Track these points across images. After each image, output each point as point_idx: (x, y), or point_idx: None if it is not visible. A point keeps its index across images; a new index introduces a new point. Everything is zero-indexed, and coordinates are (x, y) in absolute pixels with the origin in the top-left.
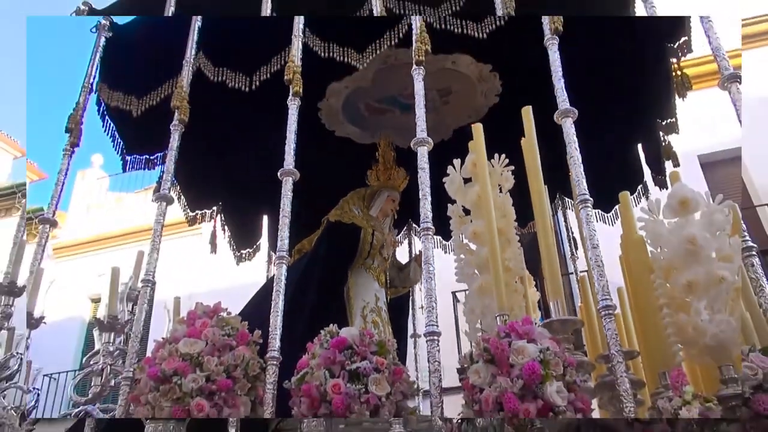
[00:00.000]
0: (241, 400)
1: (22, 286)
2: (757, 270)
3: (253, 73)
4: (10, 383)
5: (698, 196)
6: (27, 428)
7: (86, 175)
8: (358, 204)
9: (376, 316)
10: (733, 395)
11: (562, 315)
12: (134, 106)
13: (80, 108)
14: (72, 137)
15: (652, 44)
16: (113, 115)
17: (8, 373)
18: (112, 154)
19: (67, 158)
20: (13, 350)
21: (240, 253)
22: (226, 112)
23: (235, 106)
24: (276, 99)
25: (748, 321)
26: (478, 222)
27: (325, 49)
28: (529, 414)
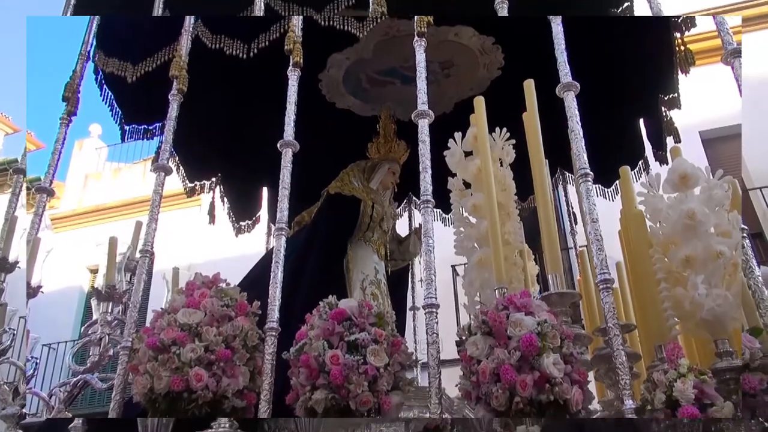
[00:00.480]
0: (240, 371)
1: (14, 262)
2: (747, 252)
3: (252, 41)
4: (3, 358)
5: (698, 172)
6: (20, 403)
7: (84, 146)
8: (358, 176)
9: (375, 288)
10: (728, 368)
11: (560, 288)
12: (129, 72)
13: (77, 76)
14: (69, 106)
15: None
16: (111, 83)
17: (1, 348)
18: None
19: (64, 127)
20: (6, 326)
21: (239, 225)
22: (225, 82)
23: (234, 77)
24: (276, 69)
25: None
26: (478, 195)
27: (325, 18)
28: (526, 386)
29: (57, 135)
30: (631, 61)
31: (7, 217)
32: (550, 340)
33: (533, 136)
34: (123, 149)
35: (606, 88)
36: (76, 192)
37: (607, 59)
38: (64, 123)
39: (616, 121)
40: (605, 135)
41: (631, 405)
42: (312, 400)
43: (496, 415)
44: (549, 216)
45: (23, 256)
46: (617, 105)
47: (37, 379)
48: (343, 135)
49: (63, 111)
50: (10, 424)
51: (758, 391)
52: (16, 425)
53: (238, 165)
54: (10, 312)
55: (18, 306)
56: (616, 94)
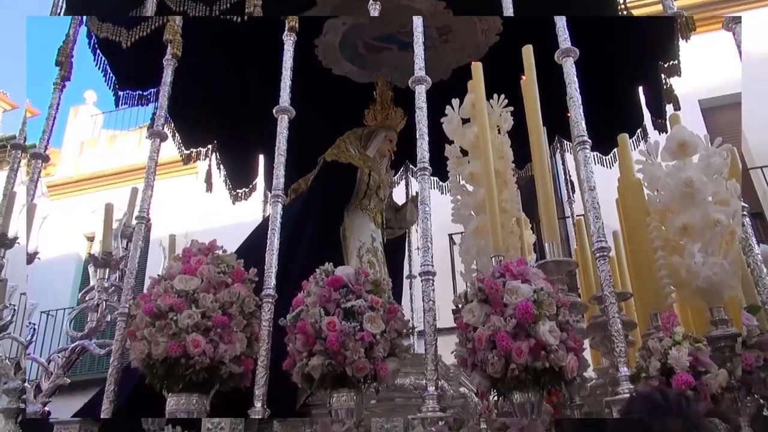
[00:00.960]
0: (237, 337)
1: (14, 238)
2: (747, 230)
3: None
4: (4, 334)
5: (697, 139)
6: (22, 377)
7: (79, 112)
8: (355, 144)
9: (372, 256)
10: (723, 336)
11: (557, 256)
12: (124, 37)
13: (70, 40)
14: (62, 71)
15: None
16: (104, 48)
17: (1, 324)
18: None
19: (58, 92)
20: (7, 301)
21: (236, 193)
22: (220, 48)
23: (229, 42)
24: (272, 35)
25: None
26: (476, 163)
27: None
28: (522, 353)
29: (51, 100)
30: (630, 27)
31: (5, 193)
32: (546, 307)
33: (531, 102)
34: (118, 116)
35: (605, 54)
36: (72, 159)
37: (606, 25)
38: (58, 88)
39: (615, 88)
40: (604, 102)
41: (626, 372)
42: (309, 366)
43: (492, 382)
44: (546, 184)
45: (23, 232)
46: (616, 72)
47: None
48: (340, 102)
49: (56, 76)
50: (12, 398)
51: (754, 368)
52: (18, 399)
53: (234, 132)
54: (11, 288)
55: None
56: (616, 60)
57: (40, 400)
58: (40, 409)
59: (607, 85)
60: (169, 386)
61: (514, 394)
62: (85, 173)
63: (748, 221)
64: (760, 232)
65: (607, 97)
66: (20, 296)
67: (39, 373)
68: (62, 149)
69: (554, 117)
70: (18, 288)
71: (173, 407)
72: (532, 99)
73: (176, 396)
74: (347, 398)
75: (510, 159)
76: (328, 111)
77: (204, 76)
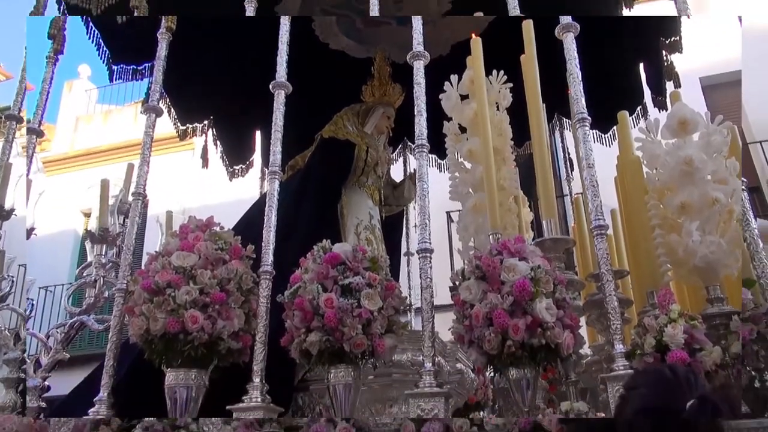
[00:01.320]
0: (235, 313)
1: (10, 209)
2: (744, 204)
3: None
4: (3, 305)
5: (698, 117)
6: (21, 348)
7: (73, 87)
8: (352, 120)
9: (369, 233)
10: (718, 314)
11: (554, 234)
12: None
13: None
14: (55, 44)
15: None
16: (97, 21)
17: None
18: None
19: (51, 66)
20: (5, 272)
21: (233, 169)
22: (216, 21)
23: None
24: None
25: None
26: (474, 140)
27: None
28: (518, 330)
29: (44, 74)
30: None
31: (0, 164)
32: (543, 285)
33: (531, 78)
34: (113, 91)
35: (606, 30)
36: (68, 134)
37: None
38: (51, 62)
39: (615, 64)
40: (604, 79)
41: (621, 349)
42: (307, 343)
43: (488, 358)
44: (545, 161)
45: (19, 204)
46: (617, 48)
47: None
48: (338, 78)
49: (49, 49)
50: (12, 368)
51: (748, 341)
52: (18, 369)
53: (230, 107)
54: (8, 259)
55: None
56: (617, 36)
57: (39, 375)
58: (40, 384)
59: (608, 61)
60: (168, 361)
61: (510, 371)
62: (80, 149)
63: (746, 195)
64: (758, 207)
65: (608, 73)
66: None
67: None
68: (57, 125)
69: (554, 94)
70: (16, 259)
71: (173, 382)
72: (531, 74)
73: (175, 371)
74: (345, 374)
75: (509, 136)
76: (325, 87)
77: (199, 51)
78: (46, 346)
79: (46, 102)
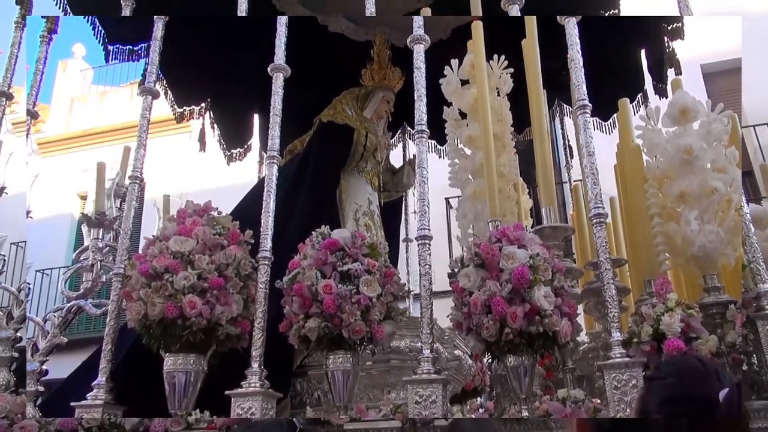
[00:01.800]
0: (234, 299)
1: (1, 188)
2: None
3: None
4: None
5: (699, 105)
6: (15, 327)
7: (68, 67)
8: (351, 104)
9: (368, 219)
10: (715, 303)
11: (553, 222)
12: None
13: None
14: (49, 23)
15: None
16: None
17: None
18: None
19: (45, 45)
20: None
21: (230, 153)
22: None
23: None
24: None
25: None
26: (474, 126)
27: None
28: (516, 317)
29: (38, 54)
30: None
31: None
32: (541, 273)
33: (532, 63)
34: (109, 72)
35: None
36: (62, 115)
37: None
38: (45, 41)
39: (617, 50)
40: (605, 66)
41: (618, 337)
42: (305, 329)
43: (486, 345)
44: (545, 148)
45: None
46: (618, 34)
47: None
48: (337, 61)
49: (42, 28)
50: (5, 347)
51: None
52: (11, 348)
53: (228, 90)
54: (0, 238)
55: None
56: (618, 21)
57: (37, 359)
58: (38, 368)
59: (609, 48)
60: (167, 346)
61: (508, 358)
62: (75, 130)
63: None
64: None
65: (609, 60)
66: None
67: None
68: (51, 105)
69: (554, 80)
70: (7, 238)
71: (171, 367)
72: (532, 60)
73: (173, 356)
74: (343, 360)
75: (509, 122)
76: (324, 70)
77: (197, 31)
78: (44, 331)
79: (40, 82)
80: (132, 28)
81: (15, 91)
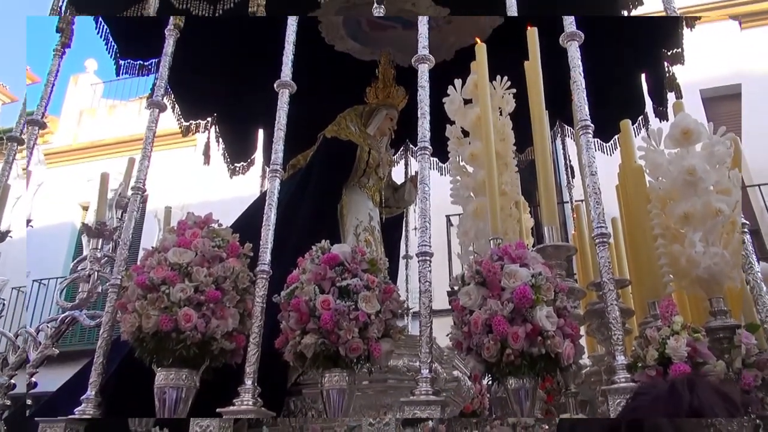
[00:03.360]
0: (230, 312)
1: (6, 231)
2: (747, 247)
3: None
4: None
5: (701, 127)
6: (9, 374)
7: (79, 81)
8: (355, 121)
9: (369, 235)
10: (722, 327)
11: (556, 241)
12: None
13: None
14: (63, 37)
15: None
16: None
17: None
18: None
19: (58, 59)
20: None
21: (234, 167)
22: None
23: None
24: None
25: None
26: (477, 144)
27: None
28: (518, 338)
29: (50, 67)
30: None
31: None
32: (544, 292)
33: (534, 84)
34: (118, 86)
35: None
36: (71, 127)
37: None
38: (58, 55)
39: (617, 74)
40: (606, 89)
41: (623, 361)
42: (301, 345)
43: (487, 366)
44: (547, 166)
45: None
46: (619, 58)
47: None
48: (342, 79)
49: (57, 42)
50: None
51: (752, 387)
52: (4, 396)
53: (234, 105)
54: (2, 282)
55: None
56: (619, 46)
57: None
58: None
59: (610, 71)
60: (159, 360)
61: (509, 380)
62: (83, 142)
63: (749, 238)
64: (757, 251)
65: (610, 83)
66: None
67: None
68: (61, 117)
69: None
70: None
71: (162, 382)
72: (535, 80)
73: (166, 370)
74: (339, 378)
75: (511, 141)
76: (329, 88)
77: (206, 49)
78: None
79: (50, 94)
80: (143, 44)
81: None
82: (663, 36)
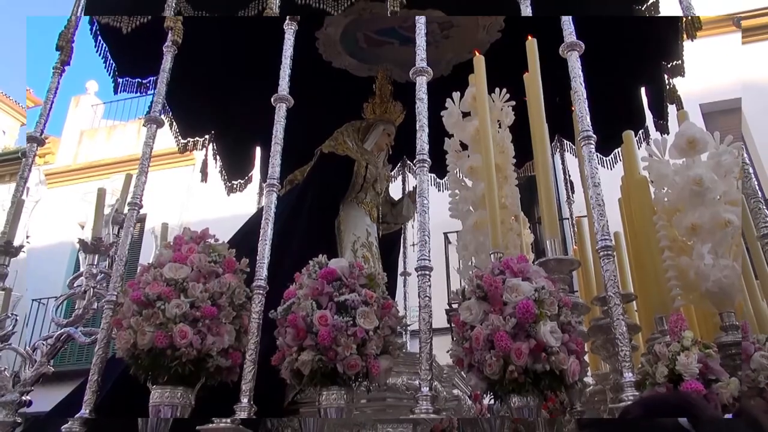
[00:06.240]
0: (226, 329)
1: (19, 246)
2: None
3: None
4: (5, 344)
5: (707, 137)
6: (20, 390)
7: (80, 102)
8: (352, 136)
9: (366, 250)
10: (734, 343)
11: (558, 254)
12: (125, 23)
13: (72, 25)
14: (62, 55)
15: None
16: (105, 34)
17: (2, 334)
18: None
19: (57, 77)
20: (10, 311)
21: (231, 184)
22: (221, 36)
23: (230, 30)
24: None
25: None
26: (476, 157)
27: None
28: (521, 354)
29: (49, 85)
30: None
31: (13, 200)
32: (547, 307)
33: (534, 95)
34: (119, 107)
35: (608, 52)
36: (71, 148)
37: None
38: (57, 72)
39: (617, 87)
40: (606, 102)
41: (631, 378)
42: (298, 362)
43: (489, 384)
44: (548, 179)
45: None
46: (619, 70)
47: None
48: (339, 95)
49: (56, 60)
50: (9, 411)
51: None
52: (15, 412)
53: (232, 122)
54: (15, 298)
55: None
56: (619, 59)
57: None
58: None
59: (610, 84)
60: (154, 378)
61: (512, 398)
62: (83, 162)
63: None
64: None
65: (610, 96)
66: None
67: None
68: (61, 138)
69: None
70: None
71: (157, 400)
72: (535, 91)
73: (161, 388)
74: (337, 396)
75: (511, 154)
76: (326, 103)
77: (204, 65)
78: (31, 359)
79: (49, 112)
80: (142, 62)
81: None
82: (663, 48)
